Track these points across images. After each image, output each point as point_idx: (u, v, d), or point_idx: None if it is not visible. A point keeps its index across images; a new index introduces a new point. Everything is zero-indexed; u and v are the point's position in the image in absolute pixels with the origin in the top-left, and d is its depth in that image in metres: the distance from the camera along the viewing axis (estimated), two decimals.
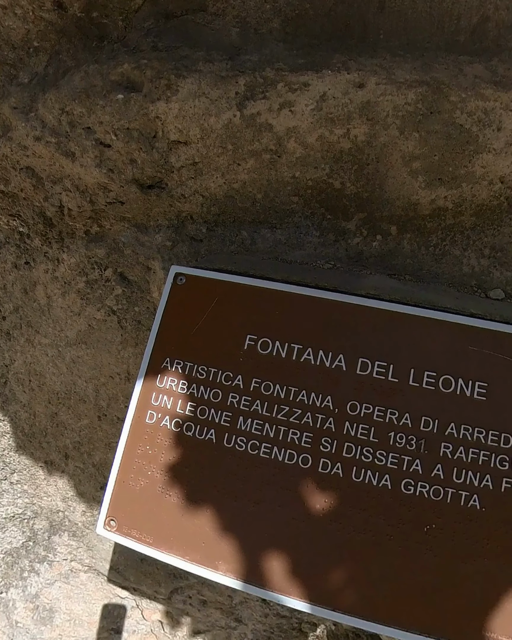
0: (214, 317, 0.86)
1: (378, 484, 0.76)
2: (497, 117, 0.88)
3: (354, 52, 0.94)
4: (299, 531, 0.76)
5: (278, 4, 0.95)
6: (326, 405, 0.79)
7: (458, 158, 0.90)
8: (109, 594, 1.41)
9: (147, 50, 0.94)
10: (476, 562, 0.74)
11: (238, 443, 0.80)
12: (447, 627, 0.73)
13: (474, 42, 0.97)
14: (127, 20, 0.97)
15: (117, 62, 0.92)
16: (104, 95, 0.91)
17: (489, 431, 0.76)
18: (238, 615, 1.35)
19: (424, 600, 0.73)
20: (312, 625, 1.31)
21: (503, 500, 0.74)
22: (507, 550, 0.74)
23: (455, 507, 0.74)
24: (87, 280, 1.10)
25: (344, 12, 0.96)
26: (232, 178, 0.96)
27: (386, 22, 0.96)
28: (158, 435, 0.85)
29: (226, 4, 0.95)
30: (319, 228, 1.01)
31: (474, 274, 0.97)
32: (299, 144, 0.91)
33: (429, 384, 0.78)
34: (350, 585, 0.74)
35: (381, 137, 0.90)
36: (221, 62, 0.91)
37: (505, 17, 0.95)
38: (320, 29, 0.97)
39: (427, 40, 0.96)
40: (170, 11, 0.96)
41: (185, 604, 1.36)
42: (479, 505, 0.74)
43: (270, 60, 0.92)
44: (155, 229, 1.04)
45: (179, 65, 0.90)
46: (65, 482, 1.31)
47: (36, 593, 1.40)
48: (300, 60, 0.92)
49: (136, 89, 0.91)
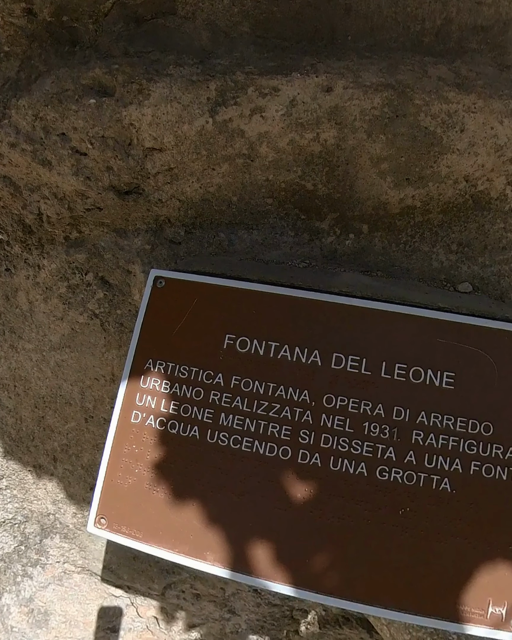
0: (193, 318, 0.88)
1: (355, 472, 0.80)
2: (460, 119, 0.92)
3: (322, 54, 0.97)
4: (282, 519, 0.80)
5: (246, 7, 0.97)
6: (303, 399, 0.82)
7: (424, 159, 0.94)
8: (104, 594, 1.43)
9: (118, 55, 0.96)
10: (449, 540, 0.78)
11: (221, 438, 0.84)
12: (424, 603, 0.78)
13: (438, 44, 1.00)
14: (98, 25, 0.98)
15: (89, 66, 0.93)
16: (76, 99, 0.92)
17: (458, 418, 0.81)
18: (231, 607, 1.38)
19: (401, 578, 0.78)
20: (303, 612, 1.35)
21: (472, 482, 0.79)
22: (477, 529, 0.79)
23: (427, 491, 0.79)
24: (69, 285, 1.12)
25: (312, 15, 0.98)
26: (207, 182, 0.99)
27: (353, 24, 0.99)
28: (143, 434, 0.87)
29: (195, 7, 0.97)
30: (294, 228, 1.04)
31: (443, 268, 1.02)
32: (271, 149, 0.94)
33: (400, 375, 0.82)
34: (331, 568, 0.78)
35: (350, 141, 0.93)
36: (192, 66, 0.93)
37: (467, 20, 0.99)
38: (289, 32, 1.00)
39: (394, 41, 1.00)
40: (140, 15, 0.98)
41: (178, 598, 1.39)
42: (450, 488, 0.79)
43: (240, 63, 0.94)
44: (134, 233, 1.06)
45: (150, 70, 0.92)
46: (54, 485, 1.32)
47: (30, 597, 1.41)
48: (270, 63, 0.95)
49: (108, 93, 0.93)
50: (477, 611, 0.78)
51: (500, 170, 0.95)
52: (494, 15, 0.99)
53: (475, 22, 0.99)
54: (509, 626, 0.78)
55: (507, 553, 0.78)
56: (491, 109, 0.92)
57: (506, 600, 0.78)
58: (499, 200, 0.98)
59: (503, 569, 0.78)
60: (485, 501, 0.79)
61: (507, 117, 0.92)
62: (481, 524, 0.78)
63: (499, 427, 0.80)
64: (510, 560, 0.78)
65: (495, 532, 0.78)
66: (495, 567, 0.78)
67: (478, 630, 0.78)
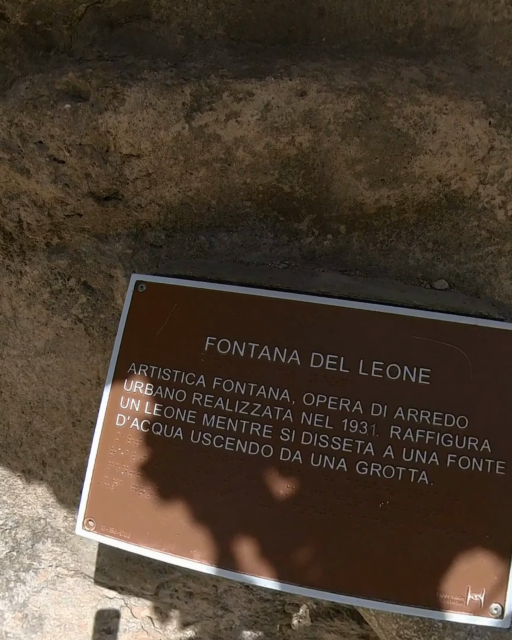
0: (174, 321, 0.90)
1: (335, 467, 0.82)
2: (432, 121, 0.94)
3: (296, 56, 0.98)
4: (265, 516, 0.82)
5: (220, 10, 0.98)
6: (283, 398, 0.84)
7: (398, 160, 0.96)
8: (97, 596, 1.44)
9: (92, 59, 0.96)
10: (428, 531, 0.81)
11: (204, 439, 0.86)
12: (405, 592, 0.80)
13: (411, 45, 1.02)
14: (72, 29, 0.99)
15: (63, 71, 0.94)
16: (51, 105, 0.93)
17: (434, 412, 0.83)
18: (224, 604, 1.40)
19: (382, 569, 0.80)
20: (294, 606, 1.37)
21: (449, 474, 0.82)
22: (455, 519, 0.81)
23: (406, 484, 0.81)
24: (52, 290, 1.13)
25: (286, 17, 1.00)
26: (186, 187, 1.00)
27: (327, 26, 1.01)
28: (128, 436, 0.89)
29: (170, 11, 0.98)
30: (273, 230, 1.06)
31: (419, 266, 1.04)
32: (248, 153, 0.96)
33: (377, 372, 0.84)
34: (314, 561, 0.81)
35: (325, 143, 0.95)
36: (166, 69, 0.94)
37: (439, 21, 1.01)
38: (264, 34, 1.01)
39: (367, 42, 1.01)
40: (115, 19, 0.99)
41: (172, 597, 1.41)
42: (428, 481, 0.81)
43: (214, 66, 0.95)
44: (115, 238, 1.07)
45: (124, 74, 0.92)
46: (44, 489, 1.33)
47: (24, 602, 1.42)
48: (244, 65, 0.96)
49: (83, 98, 0.93)
50: (456, 598, 0.80)
51: (472, 169, 0.98)
52: (465, 17, 1.01)
53: (446, 24, 1.01)
54: (488, 612, 0.81)
55: (484, 542, 0.81)
56: (462, 110, 0.94)
57: (484, 587, 0.80)
58: (473, 199, 1.01)
59: (481, 557, 0.80)
60: (462, 492, 0.81)
61: (477, 118, 0.94)
62: (459, 515, 0.81)
63: (474, 420, 0.83)
64: (487, 548, 0.81)
65: (472, 521, 0.81)
66: (473, 556, 0.80)
67: (458, 617, 0.81)
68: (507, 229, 1.01)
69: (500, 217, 1.00)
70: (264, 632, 1.41)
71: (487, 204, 1.00)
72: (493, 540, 0.81)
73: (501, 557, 0.80)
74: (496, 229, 1.01)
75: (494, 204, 1.00)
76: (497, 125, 0.95)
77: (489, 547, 0.81)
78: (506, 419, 0.83)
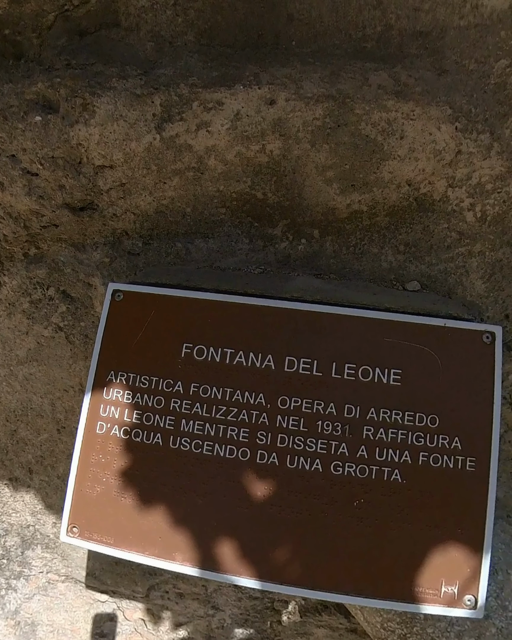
0: (152, 329, 0.91)
1: (311, 468, 0.84)
2: (400, 126, 0.96)
3: (266, 61, 0.99)
4: (244, 517, 0.84)
5: (190, 17, 0.99)
6: (259, 402, 0.86)
7: (367, 166, 0.98)
8: (89, 600, 1.45)
9: (61, 68, 0.96)
10: (402, 527, 0.83)
11: (183, 444, 0.87)
12: (381, 587, 0.83)
13: (380, 49, 1.03)
14: (42, 38, 0.99)
15: (32, 80, 0.94)
16: (21, 117, 0.93)
17: (405, 412, 0.86)
18: (215, 603, 1.42)
19: (358, 565, 0.83)
20: (283, 602, 1.40)
21: (421, 472, 0.84)
22: (427, 515, 0.84)
23: (380, 482, 0.84)
24: (31, 300, 1.14)
25: (256, 23, 1.01)
26: (160, 195, 1.01)
27: (297, 32, 1.02)
28: (109, 443, 0.90)
29: (139, 19, 0.99)
30: (248, 235, 1.07)
31: (392, 269, 1.07)
32: (219, 161, 0.97)
33: (350, 374, 0.86)
34: (293, 560, 0.83)
35: (295, 151, 0.97)
36: (135, 77, 0.94)
37: (406, 26, 1.03)
38: (234, 39, 1.01)
39: (337, 47, 1.02)
40: (84, 28, 0.99)
41: (163, 599, 1.42)
42: (401, 479, 0.84)
43: (184, 74, 0.96)
44: (92, 247, 1.08)
45: (93, 83, 0.92)
46: (32, 496, 1.34)
47: (16, 609, 1.43)
48: (214, 72, 0.97)
49: (53, 108, 0.94)
50: (431, 591, 0.83)
51: (440, 173, 1.00)
52: (432, 21, 1.02)
53: (414, 28, 1.03)
54: (462, 603, 0.84)
55: (457, 536, 0.84)
56: (429, 116, 0.96)
57: (457, 580, 0.83)
58: (442, 201, 1.03)
59: (453, 551, 0.83)
60: (434, 489, 0.84)
61: (444, 123, 0.96)
62: (431, 511, 0.84)
63: (445, 419, 0.85)
64: (459, 542, 0.84)
65: (444, 517, 0.84)
66: (446, 550, 0.83)
67: (433, 609, 0.84)
68: (476, 231, 1.03)
69: (469, 219, 1.03)
70: (255, 630, 1.43)
71: (456, 206, 1.02)
72: (465, 534, 0.83)
73: (473, 551, 0.83)
74: (466, 231, 1.03)
75: (463, 206, 1.02)
76: (463, 129, 0.97)
77: (461, 541, 0.83)
78: (475, 416, 0.86)
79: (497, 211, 1.01)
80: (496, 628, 0.98)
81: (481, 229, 1.03)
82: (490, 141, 0.97)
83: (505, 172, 0.98)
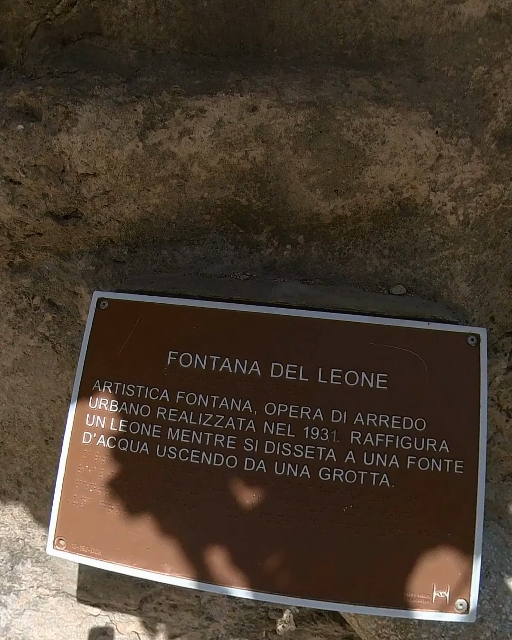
0: (137, 337, 0.91)
1: (299, 475, 0.84)
2: (381, 132, 0.97)
3: (248, 69, 0.99)
4: (233, 526, 0.83)
5: (171, 25, 1.00)
6: (245, 409, 0.86)
7: (349, 171, 0.99)
8: (81, 614, 1.43)
9: (43, 76, 0.96)
10: (391, 532, 0.83)
11: (169, 452, 0.87)
12: (372, 594, 0.82)
13: (360, 56, 1.04)
14: (24, 47, 0.99)
15: (14, 89, 0.94)
16: (3, 125, 0.93)
17: (392, 416, 0.85)
18: (208, 614, 1.40)
19: (349, 572, 0.82)
20: (278, 611, 1.38)
21: (409, 476, 0.84)
22: (417, 520, 0.83)
23: (368, 487, 0.83)
24: (16, 309, 1.13)
25: (237, 31, 1.02)
26: (144, 203, 1.01)
27: (278, 39, 1.03)
28: (95, 454, 0.89)
29: (121, 27, 1.00)
30: (234, 242, 1.08)
31: (377, 273, 1.07)
32: (203, 168, 0.97)
33: (336, 380, 0.86)
34: (284, 568, 0.82)
35: (278, 157, 0.97)
36: (118, 85, 0.94)
37: (386, 33, 1.04)
38: (216, 47, 1.02)
39: (318, 54, 1.03)
40: (66, 36, 1.00)
41: (156, 611, 1.40)
42: (389, 483, 0.84)
43: (167, 81, 0.96)
44: (77, 255, 1.08)
45: (74, 91, 0.93)
46: (20, 509, 1.32)
47: (6, 626, 1.40)
48: (196, 80, 0.97)
49: (35, 116, 0.94)
50: (423, 597, 0.83)
51: (422, 178, 1.01)
52: (411, 29, 1.04)
53: (393, 36, 1.04)
54: (454, 608, 0.84)
55: (447, 540, 0.83)
56: (410, 121, 0.97)
57: (449, 584, 0.83)
58: (425, 205, 1.04)
59: (444, 556, 0.83)
60: (423, 493, 0.84)
61: (424, 127, 0.98)
62: (421, 515, 0.83)
63: (432, 422, 0.85)
64: (450, 546, 0.83)
65: (434, 521, 0.83)
66: (436, 554, 0.83)
67: (426, 615, 0.83)
68: (459, 234, 1.04)
69: (452, 223, 1.04)
70: None
71: (439, 210, 1.03)
72: (455, 538, 0.83)
73: (463, 554, 0.83)
74: (449, 234, 1.04)
75: (445, 210, 1.03)
76: (444, 134, 0.98)
77: (451, 545, 0.83)
78: (462, 419, 0.86)
79: (480, 214, 1.02)
80: (490, 631, 0.97)
81: (464, 232, 1.04)
82: (470, 145, 0.98)
83: (486, 176, 0.99)
